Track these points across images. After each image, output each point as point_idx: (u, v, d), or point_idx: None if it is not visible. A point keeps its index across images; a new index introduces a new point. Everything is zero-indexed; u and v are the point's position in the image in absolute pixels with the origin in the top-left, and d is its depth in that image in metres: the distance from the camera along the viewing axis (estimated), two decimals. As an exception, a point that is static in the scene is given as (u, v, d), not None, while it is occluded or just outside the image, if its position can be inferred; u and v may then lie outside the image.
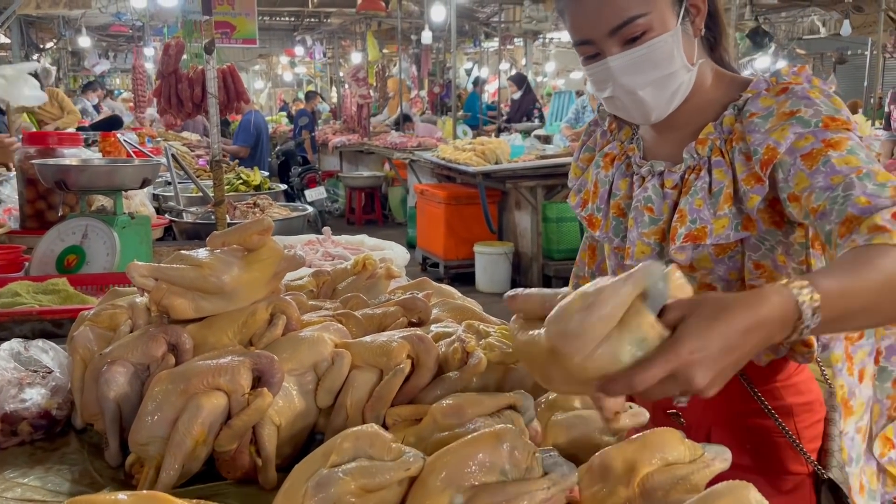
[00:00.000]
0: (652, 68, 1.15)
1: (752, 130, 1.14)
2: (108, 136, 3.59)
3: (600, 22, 1.13)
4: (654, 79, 1.16)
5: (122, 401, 1.07)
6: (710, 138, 1.20)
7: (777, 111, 1.13)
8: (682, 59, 1.16)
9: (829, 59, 12.97)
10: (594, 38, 1.15)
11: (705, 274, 1.23)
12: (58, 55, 13.52)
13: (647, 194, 1.25)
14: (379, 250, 2.40)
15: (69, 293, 1.75)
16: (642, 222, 1.25)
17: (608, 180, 1.34)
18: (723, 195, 1.16)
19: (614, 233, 1.32)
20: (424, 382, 1.05)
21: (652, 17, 1.12)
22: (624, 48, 1.14)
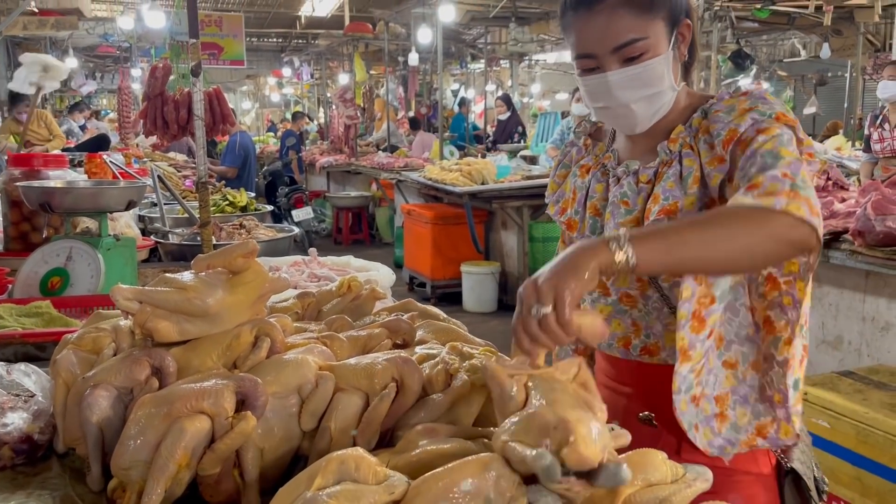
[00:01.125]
0: (645, 86, 1.28)
1: (715, 121, 1.27)
2: (93, 158, 3.59)
3: (605, 40, 1.26)
4: (646, 95, 1.29)
5: (104, 425, 1.07)
6: (681, 137, 1.32)
7: (738, 107, 1.26)
8: (670, 79, 1.30)
9: (809, 81, 13.15)
10: (597, 54, 1.28)
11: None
12: (44, 76, 13.47)
13: (622, 190, 1.37)
14: (365, 271, 2.40)
15: (53, 316, 1.74)
16: (618, 214, 1.36)
17: (585, 186, 1.46)
18: (691, 177, 1.28)
19: (591, 230, 1.43)
20: (409, 404, 1.06)
21: (650, 41, 1.26)
22: (623, 65, 1.27)
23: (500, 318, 6.45)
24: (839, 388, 2.85)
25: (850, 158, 6.44)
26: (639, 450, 0.89)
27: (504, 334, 6.01)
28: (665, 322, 1.34)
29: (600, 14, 1.25)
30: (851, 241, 3.26)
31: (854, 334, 3.47)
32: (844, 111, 10.03)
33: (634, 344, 1.38)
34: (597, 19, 1.26)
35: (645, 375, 1.38)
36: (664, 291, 1.33)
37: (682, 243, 1.09)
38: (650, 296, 1.35)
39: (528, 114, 15.61)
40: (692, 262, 1.12)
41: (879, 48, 10.09)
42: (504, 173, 6.94)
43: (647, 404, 1.37)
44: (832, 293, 3.57)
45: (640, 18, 1.24)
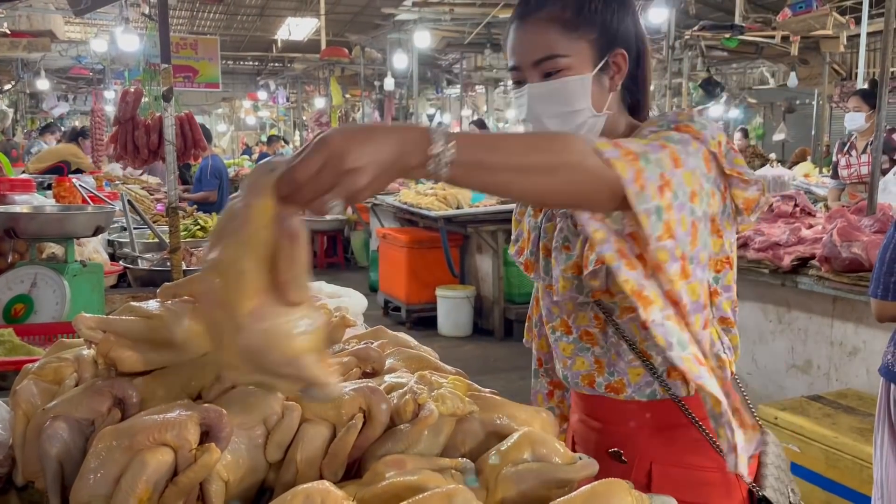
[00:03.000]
0: (559, 102, 1.28)
1: None
2: (62, 181, 3.55)
3: (528, 52, 1.28)
4: (560, 112, 1.28)
5: (64, 458, 1.04)
6: None
7: (645, 130, 1.24)
8: (587, 102, 1.28)
9: (778, 109, 13.45)
10: (521, 66, 1.30)
11: (623, 297, 1.27)
12: (15, 97, 13.36)
13: (563, 234, 1.36)
14: (336, 297, 2.39)
15: (15, 344, 1.71)
16: (561, 259, 1.35)
17: (538, 226, 1.45)
18: None
19: (544, 272, 1.42)
20: (376, 435, 1.04)
21: (572, 60, 1.26)
22: (542, 79, 1.28)
23: (475, 342, 6.45)
24: (808, 413, 2.88)
25: (817, 185, 6.57)
26: (604, 480, 0.89)
27: (479, 359, 6.03)
28: (627, 359, 1.33)
29: (529, 27, 1.28)
30: (819, 268, 3.31)
31: (823, 359, 3.52)
32: (812, 138, 10.25)
33: (599, 381, 1.37)
34: (525, 32, 1.29)
35: (612, 411, 1.37)
36: (619, 326, 1.32)
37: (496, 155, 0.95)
38: (609, 332, 1.35)
39: (504, 138, 15.72)
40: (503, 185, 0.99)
41: (845, 77, 10.35)
42: (479, 198, 6.97)
43: (616, 440, 1.36)
44: (801, 318, 3.62)
45: (564, 36, 1.26)
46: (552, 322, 1.44)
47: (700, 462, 1.31)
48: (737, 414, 1.16)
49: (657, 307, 1.10)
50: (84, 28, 12.39)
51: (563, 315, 1.41)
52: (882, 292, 2.29)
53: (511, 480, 0.95)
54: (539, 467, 0.97)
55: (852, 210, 3.68)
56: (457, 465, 0.98)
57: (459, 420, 1.09)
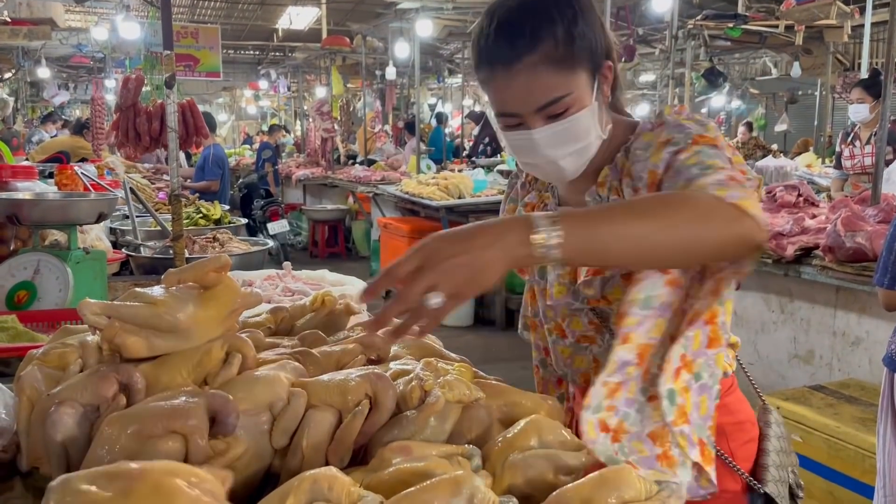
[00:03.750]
0: (572, 141, 1.23)
1: (635, 161, 1.23)
2: (64, 169, 3.54)
3: (528, 100, 1.20)
4: (574, 150, 1.24)
5: (69, 444, 1.04)
6: (608, 180, 1.29)
7: (655, 141, 1.22)
8: (597, 129, 1.25)
9: (780, 99, 13.39)
10: (521, 113, 1.21)
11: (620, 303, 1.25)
12: (16, 86, 13.31)
13: None
14: (339, 286, 2.38)
15: (18, 330, 1.70)
16: (557, 267, 1.33)
17: None
18: None
19: (539, 276, 1.41)
20: (382, 421, 1.04)
21: (574, 96, 1.20)
22: (547, 122, 1.21)
23: (477, 332, 6.45)
24: (811, 403, 2.88)
25: (820, 175, 6.55)
26: (613, 466, 0.89)
27: (481, 348, 6.02)
28: None
29: (519, 74, 1.18)
30: (822, 257, 3.30)
31: (825, 349, 3.52)
32: (815, 128, 10.23)
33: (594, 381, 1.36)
34: (516, 79, 1.19)
35: None
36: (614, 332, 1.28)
37: (606, 227, 0.96)
38: (605, 335, 1.34)
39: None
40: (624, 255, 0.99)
41: (848, 67, 10.31)
42: (481, 187, 6.96)
43: None
44: (803, 308, 3.61)
45: (561, 74, 1.18)
46: (548, 324, 1.43)
47: None
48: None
49: (605, 372, 1.12)
50: (84, 16, 12.34)
51: (558, 319, 1.40)
52: (889, 281, 2.28)
53: (518, 467, 0.95)
54: (546, 454, 0.97)
55: (856, 200, 3.67)
56: (463, 452, 0.98)
57: (466, 407, 1.08)
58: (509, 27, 1.19)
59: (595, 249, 0.96)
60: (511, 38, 1.18)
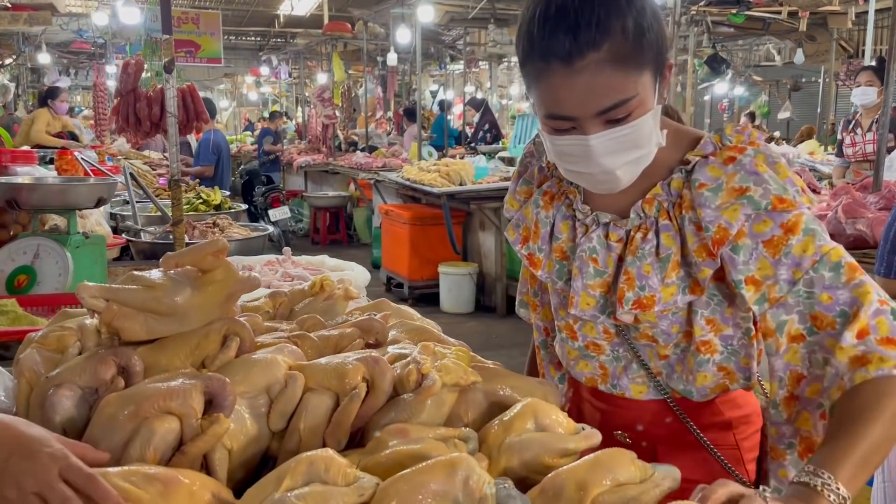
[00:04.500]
0: (632, 148, 1.11)
1: (702, 204, 1.14)
2: (64, 154, 3.53)
3: (589, 103, 1.06)
4: (632, 159, 1.12)
5: (68, 425, 1.05)
6: (658, 199, 1.19)
7: (726, 185, 1.13)
8: (657, 136, 1.14)
9: (784, 86, 13.33)
10: (578, 117, 1.08)
11: (648, 327, 1.24)
12: (17, 71, 13.27)
13: (591, 244, 1.25)
14: (339, 271, 2.39)
15: (18, 314, 1.71)
16: (587, 273, 1.24)
17: (549, 221, 1.32)
18: (671, 262, 1.17)
19: (557, 276, 1.31)
20: (379, 404, 1.05)
21: (638, 98, 1.08)
22: (606, 127, 1.08)
23: (478, 318, 6.46)
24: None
25: (822, 163, 6.53)
26: (607, 449, 0.90)
27: (482, 335, 6.03)
28: (631, 376, 1.30)
29: (582, 73, 1.04)
30: (823, 244, 3.29)
31: (825, 336, 3.51)
32: (818, 116, 10.18)
33: (601, 387, 1.34)
34: (577, 79, 1.04)
35: (613, 404, 1.35)
36: (633, 345, 1.28)
37: (877, 456, 1.01)
38: (617, 345, 1.30)
39: (507, 115, 15.65)
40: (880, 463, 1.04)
41: (852, 54, 10.26)
42: (482, 174, 6.95)
43: (620, 423, 1.34)
44: (804, 295, 3.61)
45: (628, 74, 1.05)
46: (558, 322, 1.37)
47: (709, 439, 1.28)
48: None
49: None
50: (85, 1, 12.29)
51: (569, 319, 1.33)
52: (885, 270, 2.27)
53: (514, 450, 0.96)
54: (542, 437, 0.97)
55: (857, 187, 3.66)
56: (459, 435, 0.99)
57: (462, 390, 1.09)
58: (573, 15, 1.03)
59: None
60: (574, 28, 1.03)
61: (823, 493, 0.91)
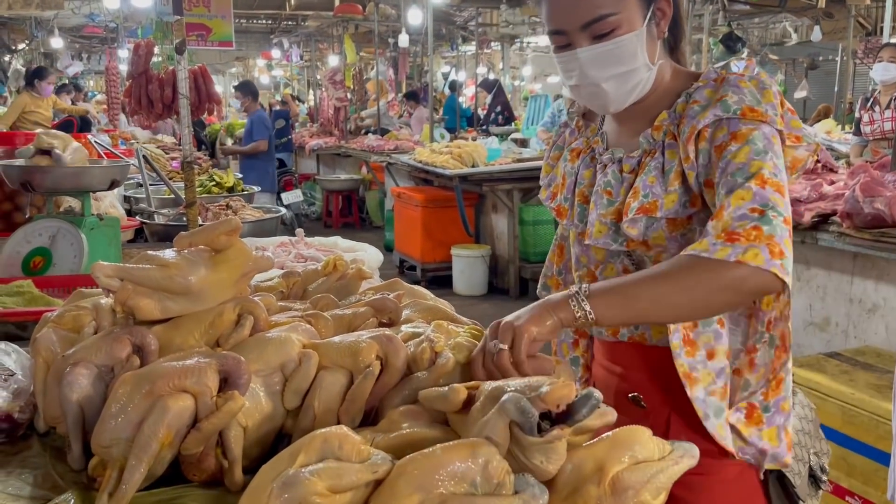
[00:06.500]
0: (616, 63, 1.23)
1: (688, 115, 1.24)
2: (79, 138, 3.54)
3: (574, 16, 1.21)
4: (617, 73, 1.23)
5: (85, 403, 1.05)
6: (664, 124, 1.28)
7: (712, 98, 1.22)
8: (644, 57, 1.24)
9: (800, 65, 13.16)
10: (567, 30, 1.23)
11: (659, 252, 1.29)
12: (30, 56, 13.32)
13: (606, 179, 1.33)
14: (352, 252, 2.39)
15: (34, 295, 1.72)
16: (601, 204, 1.33)
17: (574, 171, 1.42)
18: (673, 172, 1.24)
19: (579, 219, 1.39)
20: (393, 382, 1.05)
21: (621, 17, 1.20)
22: (593, 42, 1.22)
23: (490, 301, 6.46)
24: (825, 370, 2.86)
25: (839, 141, 6.44)
26: (626, 427, 0.89)
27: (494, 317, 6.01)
28: None
29: None
30: (840, 224, 3.26)
31: (841, 316, 3.49)
32: (835, 95, 10.05)
33: (623, 332, 1.37)
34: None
35: (635, 356, 1.36)
36: None
37: (637, 299, 1.11)
38: None
39: (520, 97, 15.55)
40: (648, 315, 1.15)
41: (871, 31, 10.09)
42: (495, 156, 6.92)
43: (637, 385, 1.36)
44: (820, 275, 3.58)
45: None
46: (579, 271, 1.43)
47: None
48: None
49: (702, 385, 1.23)
50: (96, -15, 12.28)
51: (591, 265, 1.40)
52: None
53: (529, 427, 0.95)
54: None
55: (875, 165, 3.61)
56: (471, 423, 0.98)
57: (476, 368, 1.08)
58: None
59: (624, 319, 1.19)
60: None
61: (570, 304, 1.09)
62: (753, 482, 1.31)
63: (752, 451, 1.28)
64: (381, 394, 1.04)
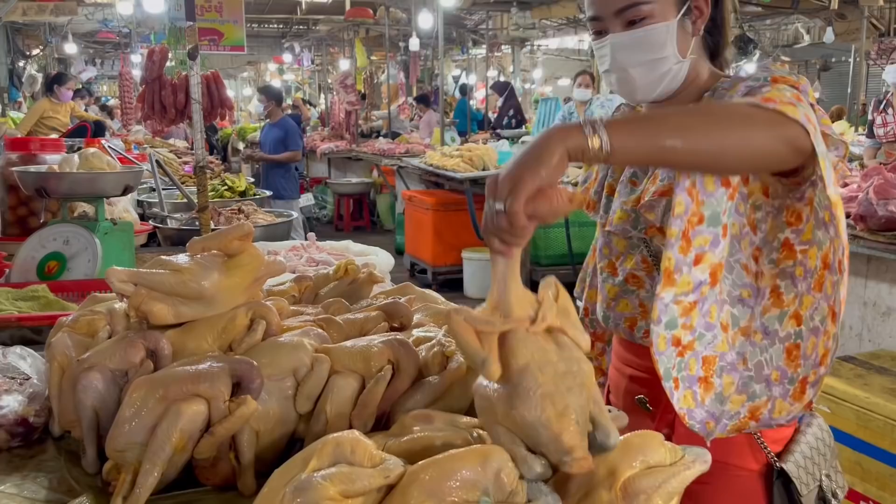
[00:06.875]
0: (645, 51, 1.26)
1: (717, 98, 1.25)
2: (91, 143, 3.57)
3: (609, 2, 1.26)
4: (645, 60, 1.26)
5: (99, 407, 1.06)
6: None
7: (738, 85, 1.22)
8: (673, 48, 1.26)
9: (813, 66, 13.08)
10: (603, 16, 1.27)
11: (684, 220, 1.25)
12: (44, 62, 13.44)
13: (633, 170, 1.36)
14: (363, 256, 2.39)
15: (49, 300, 1.73)
16: (625, 192, 1.36)
17: (606, 166, 1.45)
18: None
19: (604, 209, 1.42)
20: (405, 387, 1.05)
21: (654, 7, 1.24)
22: (625, 28, 1.25)
23: (501, 304, 6.44)
24: (840, 374, 2.84)
25: (853, 143, 6.41)
26: (638, 431, 0.89)
27: (505, 320, 6.00)
28: None
29: None
30: (853, 226, 3.24)
31: (855, 319, 3.46)
32: (848, 96, 9.97)
33: (640, 325, 1.37)
34: None
35: (644, 358, 1.36)
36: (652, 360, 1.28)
37: (663, 129, 1.02)
38: (656, 277, 1.32)
39: (530, 100, 15.54)
40: (673, 151, 1.02)
41: (884, 32, 10.01)
42: (505, 159, 6.91)
43: (643, 388, 1.37)
44: (834, 278, 3.55)
45: None
46: (601, 262, 1.45)
47: None
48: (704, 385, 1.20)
49: (674, 291, 1.15)
50: (109, -9, 12.38)
51: (612, 257, 1.42)
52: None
53: (541, 431, 0.95)
54: (569, 419, 0.96)
55: (889, 168, 3.58)
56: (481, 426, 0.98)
57: (488, 373, 1.08)
58: None
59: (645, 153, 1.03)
60: None
61: (584, 130, 0.97)
62: (757, 488, 1.30)
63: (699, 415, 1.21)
64: (392, 398, 1.04)
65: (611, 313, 1.41)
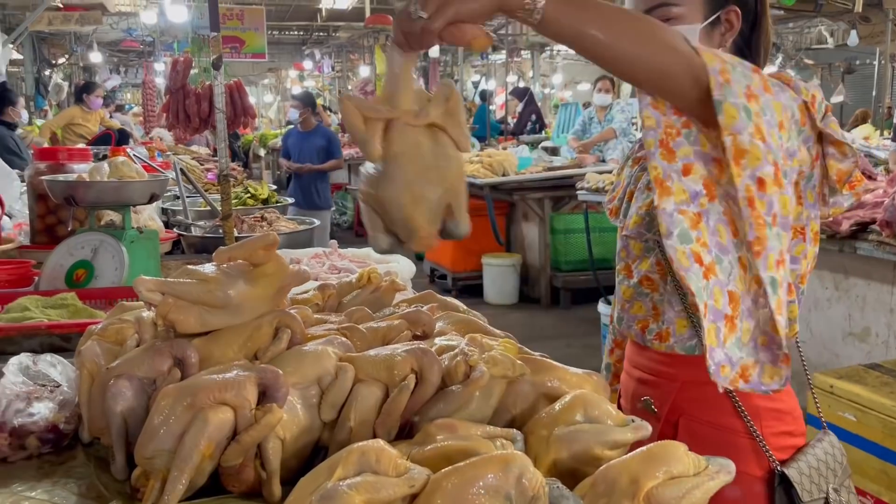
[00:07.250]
0: None
1: None
2: (117, 152, 3.62)
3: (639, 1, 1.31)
4: None
5: (128, 415, 1.08)
6: None
7: None
8: None
9: (836, 70, 12.94)
10: None
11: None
12: (69, 70, 13.66)
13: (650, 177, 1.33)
14: (385, 263, 2.40)
15: (78, 307, 1.76)
16: (641, 198, 1.39)
17: (631, 174, 1.48)
18: None
19: (623, 215, 1.46)
20: (428, 396, 1.05)
21: (683, 10, 1.28)
22: None
23: (522, 310, 6.44)
24: (866, 381, 2.81)
25: (878, 148, 6.32)
26: (661, 441, 0.89)
27: (526, 326, 6.02)
28: (676, 309, 1.35)
29: None
30: (879, 232, 3.20)
31: (881, 326, 3.42)
32: (873, 100, 9.86)
33: (651, 328, 1.38)
34: None
35: (651, 360, 1.40)
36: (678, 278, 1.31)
37: (595, 19, 1.03)
38: (668, 281, 1.35)
39: (550, 105, 15.52)
40: (594, 40, 1.03)
41: (909, 35, 9.88)
42: (525, 165, 6.91)
43: (649, 390, 1.40)
44: (859, 284, 3.52)
45: None
46: (619, 265, 1.47)
47: (731, 424, 1.30)
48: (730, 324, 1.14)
49: (673, 199, 1.10)
50: (134, 0, 12.57)
51: (629, 259, 1.44)
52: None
53: (563, 441, 0.95)
54: (591, 429, 0.97)
55: (916, 173, 3.53)
56: (507, 435, 0.98)
57: (510, 382, 1.09)
58: None
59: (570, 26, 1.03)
60: None
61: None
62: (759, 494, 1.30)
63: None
64: (416, 407, 1.05)
65: (625, 315, 1.43)
